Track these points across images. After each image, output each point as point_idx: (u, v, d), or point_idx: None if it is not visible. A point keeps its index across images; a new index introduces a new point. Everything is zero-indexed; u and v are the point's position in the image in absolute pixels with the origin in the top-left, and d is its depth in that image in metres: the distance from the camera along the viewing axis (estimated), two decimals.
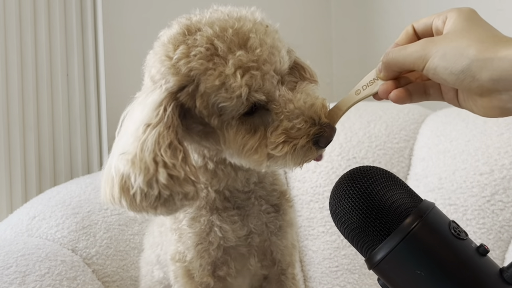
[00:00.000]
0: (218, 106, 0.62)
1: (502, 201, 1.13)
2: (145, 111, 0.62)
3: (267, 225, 0.78)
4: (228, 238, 0.75)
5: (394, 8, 1.75)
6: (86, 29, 1.32)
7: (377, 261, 0.53)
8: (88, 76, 1.33)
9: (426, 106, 1.42)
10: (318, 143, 0.63)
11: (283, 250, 0.80)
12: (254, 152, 0.63)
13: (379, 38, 1.78)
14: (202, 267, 0.76)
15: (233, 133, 0.63)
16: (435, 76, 0.56)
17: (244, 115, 0.63)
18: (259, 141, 0.63)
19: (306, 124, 0.63)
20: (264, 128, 0.64)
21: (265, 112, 0.64)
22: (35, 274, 0.92)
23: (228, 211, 0.75)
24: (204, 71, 0.60)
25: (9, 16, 1.18)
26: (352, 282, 1.21)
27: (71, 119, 1.31)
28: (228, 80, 0.60)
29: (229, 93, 0.60)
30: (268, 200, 0.78)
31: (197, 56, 0.61)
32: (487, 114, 0.58)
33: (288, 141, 0.63)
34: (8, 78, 1.19)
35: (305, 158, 0.64)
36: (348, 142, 1.29)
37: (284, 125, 0.62)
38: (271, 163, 0.64)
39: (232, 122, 0.63)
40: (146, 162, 0.59)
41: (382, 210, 0.53)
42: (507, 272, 0.51)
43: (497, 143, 1.17)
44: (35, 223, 1.06)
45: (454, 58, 0.54)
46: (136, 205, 0.60)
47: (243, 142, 0.63)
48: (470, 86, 0.54)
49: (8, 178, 1.20)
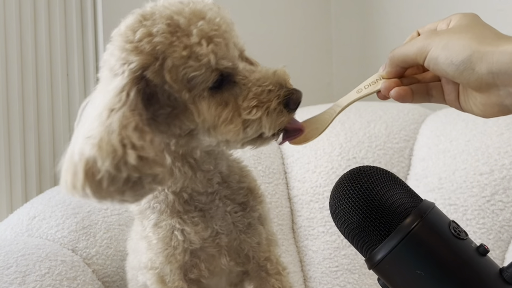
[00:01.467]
0: (187, 79, 0.62)
1: (502, 201, 1.13)
2: (107, 97, 0.61)
3: (234, 224, 0.77)
4: (192, 241, 0.75)
5: (394, 8, 1.75)
6: (86, 29, 1.32)
7: (377, 261, 0.53)
8: (88, 76, 1.33)
9: (426, 106, 1.42)
10: (289, 106, 0.65)
11: (255, 247, 0.79)
12: (230, 122, 0.64)
13: (379, 38, 1.78)
14: (172, 272, 0.76)
15: (206, 104, 0.63)
16: (436, 67, 0.57)
17: (212, 90, 0.64)
18: (232, 111, 0.64)
19: (274, 87, 0.65)
20: (234, 99, 0.65)
21: (232, 85, 0.65)
22: (35, 274, 0.92)
23: (189, 213, 0.75)
24: (170, 45, 0.61)
25: (9, 16, 1.18)
26: (352, 282, 1.21)
27: (71, 119, 1.31)
28: (194, 49, 0.61)
29: (197, 61, 0.61)
30: (234, 199, 0.77)
31: (159, 32, 0.61)
32: (486, 113, 0.58)
33: (260, 105, 0.64)
34: (8, 78, 1.19)
35: (278, 121, 0.65)
36: (348, 142, 1.29)
37: (254, 91, 0.64)
38: (246, 132, 0.65)
39: (204, 93, 0.63)
40: (113, 145, 0.57)
41: (382, 210, 0.53)
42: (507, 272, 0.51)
43: (497, 143, 1.17)
44: (35, 223, 1.06)
45: (455, 48, 0.55)
46: (102, 190, 0.58)
47: (217, 113, 0.64)
48: (469, 78, 0.55)
49: (8, 178, 1.20)
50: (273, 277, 0.81)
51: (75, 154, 0.59)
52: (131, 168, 0.58)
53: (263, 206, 0.81)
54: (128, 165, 0.58)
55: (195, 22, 0.62)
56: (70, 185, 0.60)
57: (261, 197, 0.81)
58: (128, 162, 0.57)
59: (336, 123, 1.33)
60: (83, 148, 0.59)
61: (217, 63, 0.62)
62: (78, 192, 0.59)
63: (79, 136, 0.61)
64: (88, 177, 0.58)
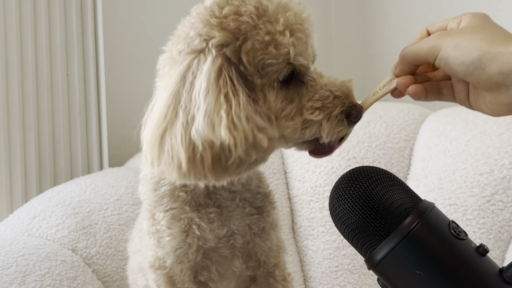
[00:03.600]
0: (262, 65, 0.62)
1: (502, 201, 1.13)
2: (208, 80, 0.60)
3: (250, 227, 0.77)
4: (207, 238, 0.73)
5: (394, 8, 1.75)
6: (86, 29, 1.32)
7: (377, 261, 0.53)
8: (88, 76, 1.33)
9: (426, 106, 1.42)
10: (350, 117, 0.65)
11: (267, 252, 0.79)
12: (291, 118, 0.64)
13: (379, 38, 1.78)
14: (183, 273, 0.74)
15: (274, 95, 0.64)
16: (447, 66, 0.57)
17: (281, 83, 0.64)
18: (295, 109, 0.64)
19: (341, 95, 0.65)
20: (299, 98, 0.65)
21: (300, 84, 0.65)
22: (35, 274, 0.92)
23: (207, 208, 0.73)
24: (254, 27, 0.61)
25: (9, 16, 1.18)
26: (352, 282, 1.21)
27: (71, 119, 1.31)
28: (277, 37, 0.61)
29: (278, 49, 0.61)
30: (252, 202, 0.77)
31: (247, 12, 0.61)
32: (495, 112, 0.58)
33: (323, 109, 0.64)
34: (8, 78, 1.19)
35: (337, 129, 0.65)
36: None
37: (321, 94, 0.65)
38: (304, 132, 0.65)
39: (274, 84, 0.63)
40: (245, 131, 0.58)
41: (382, 210, 0.53)
42: (506, 272, 0.51)
43: (497, 143, 1.17)
44: (35, 223, 1.06)
45: (466, 48, 0.56)
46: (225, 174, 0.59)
47: (281, 106, 0.64)
48: (479, 78, 0.55)
49: (8, 178, 1.20)
50: (280, 284, 0.81)
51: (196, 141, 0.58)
52: (261, 151, 0.59)
53: (276, 212, 0.81)
54: (259, 149, 0.59)
55: (282, 11, 0.62)
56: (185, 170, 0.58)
57: (275, 203, 0.81)
58: (259, 145, 0.59)
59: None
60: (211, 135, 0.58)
61: (294, 57, 0.63)
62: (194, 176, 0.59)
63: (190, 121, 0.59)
64: (215, 163, 0.58)
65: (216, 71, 0.61)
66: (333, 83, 0.66)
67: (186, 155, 0.58)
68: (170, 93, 0.62)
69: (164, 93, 0.63)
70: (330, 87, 0.65)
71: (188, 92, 0.61)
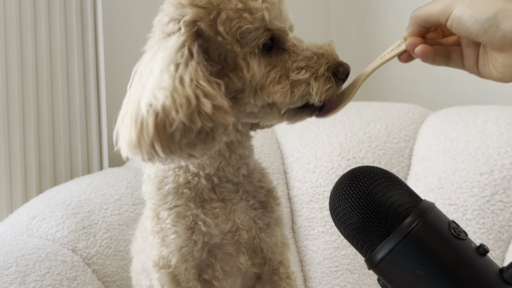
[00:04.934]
0: (240, 33, 0.63)
1: (502, 201, 1.13)
2: (168, 53, 0.61)
3: (254, 221, 0.76)
4: (212, 234, 0.73)
5: (394, 8, 1.74)
6: (86, 29, 1.32)
7: (377, 261, 0.53)
8: (88, 76, 1.33)
9: (426, 106, 1.42)
10: (337, 74, 0.65)
11: (273, 248, 0.79)
12: (277, 82, 0.65)
13: (379, 38, 1.78)
14: (188, 271, 0.73)
15: (256, 61, 0.64)
16: (459, 25, 0.57)
17: (263, 52, 0.65)
18: (280, 72, 0.65)
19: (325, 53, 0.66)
20: (283, 63, 0.66)
21: (281, 51, 0.66)
22: (35, 274, 0.92)
23: (212, 203, 0.73)
24: None
25: (9, 16, 1.18)
26: (352, 282, 1.21)
27: (71, 119, 1.31)
28: (249, 3, 0.63)
29: (252, 14, 0.63)
30: (255, 196, 0.77)
31: None
32: (506, 75, 0.58)
33: (308, 68, 0.65)
34: (8, 78, 1.19)
35: (325, 87, 0.65)
36: (348, 142, 1.29)
37: (304, 54, 0.65)
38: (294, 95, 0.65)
39: (255, 50, 0.64)
40: (187, 95, 0.57)
41: (382, 210, 0.53)
42: (506, 272, 0.51)
43: (497, 143, 1.17)
44: (35, 223, 1.06)
45: (481, 6, 0.55)
46: (173, 144, 0.57)
47: (265, 72, 0.65)
48: (493, 37, 0.55)
49: (8, 178, 1.20)
50: (284, 281, 0.81)
51: (142, 108, 0.58)
52: (205, 118, 0.57)
53: (280, 208, 0.81)
54: (203, 115, 0.57)
55: None
56: (135, 142, 0.58)
57: (279, 199, 0.80)
58: (203, 111, 0.57)
59: (336, 123, 1.33)
60: (153, 100, 0.57)
61: (270, 22, 0.64)
62: (144, 148, 0.58)
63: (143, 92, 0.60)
64: (159, 130, 0.57)
65: (178, 45, 0.61)
66: (315, 44, 0.67)
67: (135, 126, 0.58)
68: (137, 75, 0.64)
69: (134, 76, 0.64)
70: (312, 48, 0.66)
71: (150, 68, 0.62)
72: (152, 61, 0.62)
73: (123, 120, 0.61)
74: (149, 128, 0.57)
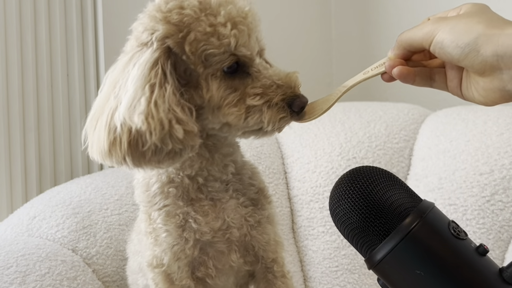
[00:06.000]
0: (205, 55, 0.65)
1: (502, 201, 1.13)
2: (142, 70, 0.64)
3: (245, 219, 0.77)
4: (203, 232, 0.74)
5: (394, 8, 1.75)
6: (86, 29, 1.32)
7: (377, 261, 0.53)
8: (88, 76, 1.33)
9: (426, 106, 1.42)
10: (292, 106, 0.66)
11: (265, 246, 0.79)
12: (234, 105, 0.66)
13: (379, 39, 1.78)
14: (181, 269, 0.75)
15: (216, 84, 0.66)
16: (442, 50, 0.57)
17: (226, 74, 0.66)
18: (238, 97, 0.67)
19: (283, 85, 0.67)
20: (244, 88, 0.67)
21: (245, 75, 0.67)
22: (36, 274, 0.92)
23: (201, 201, 0.74)
24: (197, 19, 0.64)
25: (9, 16, 1.18)
26: (352, 282, 1.21)
27: (71, 119, 1.31)
28: (218, 28, 0.64)
29: (219, 39, 0.64)
30: (245, 193, 0.78)
31: (190, 5, 0.65)
32: (488, 98, 0.58)
33: (264, 95, 0.66)
34: (8, 78, 1.19)
35: (278, 117, 0.66)
36: (348, 142, 1.29)
37: (263, 82, 0.67)
38: (248, 120, 0.67)
39: (217, 73, 0.66)
40: (161, 120, 0.61)
41: (382, 210, 0.53)
42: (506, 271, 0.51)
43: (497, 143, 1.17)
44: (35, 223, 1.06)
45: (462, 31, 0.55)
46: (143, 160, 0.62)
47: (224, 95, 0.66)
48: (473, 61, 0.55)
49: (9, 178, 1.20)
50: (279, 280, 0.81)
51: (117, 124, 0.62)
52: (176, 141, 0.62)
53: (272, 206, 0.82)
54: (174, 139, 0.61)
55: (225, 5, 0.65)
56: (107, 151, 0.62)
57: (270, 198, 0.81)
58: (175, 135, 0.61)
59: (336, 123, 1.33)
60: (129, 121, 0.61)
61: (236, 48, 0.65)
62: (115, 158, 0.63)
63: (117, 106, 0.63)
64: (132, 147, 0.61)
65: (152, 62, 0.64)
66: (278, 74, 0.68)
67: (107, 137, 0.62)
68: (110, 82, 0.66)
69: (107, 81, 0.67)
70: (273, 77, 0.67)
71: (124, 81, 0.64)
72: (125, 72, 0.65)
73: (95, 127, 0.65)
74: (122, 143, 0.62)
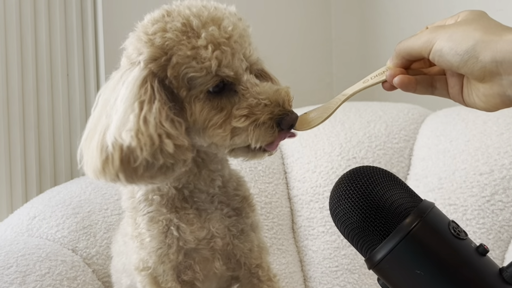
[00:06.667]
0: (188, 78, 0.64)
1: (502, 201, 1.13)
2: (131, 88, 0.64)
3: (229, 229, 0.78)
4: (187, 240, 0.75)
5: (394, 8, 1.75)
6: (86, 29, 1.32)
7: (377, 261, 0.53)
8: (88, 76, 1.33)
9: (426, 106, 1.42)
10: (280, 125, 0.66)
11: (247, 253, 0.81)
12: (219, 127, 0.66)
13: (379, 39, 1.78)
14: (166, 273, 0.76)
15: (200, 106, 0.66)
16: (441, 58, 0.57)
17: (212, 93, 0.65)
18: (224, 118, 0.66)
19: (270, 104, 0.65)
20: (230, 107, 0.66)
21: (232, 93, 0.66)
22: (36, 274, 0.92)
23: (185, 210, 0.75)
24: (178, 42, 0.64)
25: (9, 16, 1.18)
26: (352, 282, 1.21)
27: (71, 119, 1.31)
28: (199, 51, 0.63)
29: (199, 64, 0.63)
30: (229, 204, 0.79)
31: (172, 28, 0.64)
32: (488, 104, 0.58)
33: (250, 116, 0.65)
34: (8, 78, 1.19)
35: (266, 136, 0.66)
36: (348, 142, 1.29)
37: (249, 102, 0.65)
38: (234, 139, 0.66)
39: (200, 95, 0.65)
40: (150, 135, 0.61)
41: (382, 210, 0.53)
42: (506, 271, 0.51)
43: (497, 143, 1.17)
44: (35, 223, 1.06)
45: (460, 38, 0.56)
46: (136, 176, 0.63)
47: (208, 117, 0.66)
48: (473, 68, 0.55)
49: (9, 178, 1.20)
50: (265, 284, 0.83)
51: (108, 142, 0.62)
52: (167, 156, 0.62)
53: (255, 214, 0.83)
54: (165, 153, 0.62)
55: (207, 26, 0.64)
56: (100, 169, 0.63)
57: (254, 206, 0.82)
58: (165, 150, 0.61)
59: (336, 123, 1.33)
60: (119, 139, 0.62)
61: (218, 69, 0.64)
62: (109, 176, 0.63)
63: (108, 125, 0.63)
64: (124, 164, 0.62)
65: (141, 80, 0.64)
66: (266, 91, 0.66)
67: (100, 156, 0.63)
68: (102, 100, 0.66)
69: (99, 100, 0.67)
70: (261, 95, 0.66)
71: (114, 99, 0.65)
72: (115, 91, 0.65)
73: (89, 146, 0.65)
74: (114, 161, 0.62)
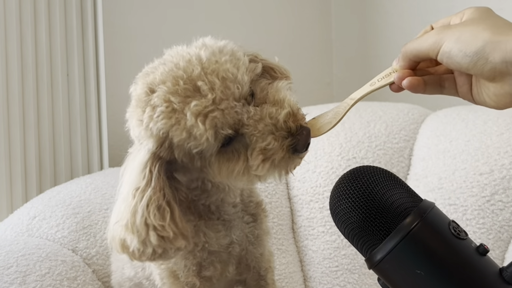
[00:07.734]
0: (194, 152, 0.65)
1: (502, 201, 1.13)
2: (133, 174, 0.67)
3: (247, 235, 0.81)
4: (211, 244, 0.77)
5: (394, 8, 1.75)
6: (86, 29, 1.32)
7: (377, 261, 0.53)
8: (88, 76, 1.33)
9: (426, 106, 1.42)
10: (296, 151, 0.65)
11: (258, 258, 0.84)
12: (242, 175, 0.67)
13: (379, 39, 1.78)
14: (187, 268, 0.77)
15: (217, 167, 0.67)
16: (450, 60, 0.57)
17: (223, 147, 0.65)
18: (243, 166, 0.66)
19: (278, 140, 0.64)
20: (244, 150, 0.66)
21: (241, 136, 0.65)
22: (36, 274, 0.92)
23: (212, 220, 0.78)
24: (170, 127, 0.64)
25: (9, 16, 1.18)
26: (352, 282, 1.21)
27: (71, 119, 1.31)
28: (192, 129, 0.63)
29: (197, 140, 0.63)
30: (246, 210, 0.81)
31: (160, 116, 0.64)
32: (499, 103, 0.58)
33: (266, 158, 0.65)
34: (8, 78, 1.19)
35: (290, 166, 0.67)
36: (348, 142, 1.29)
37: (259, 146, 0.64)
38: (262, 179, 0.68)
39: (212, 159, 0.66)
40: (137, 227, 0.65)
41: (382, 209, 0.53)
42: (506, 271, 0.51)
43: (497, 143, 1.17)
44: (35, 223, 1.06)
45: (468, 40, 0.55)
46: (136, 258, 0.67)
47: (229, 171, 0.66)
48: (483, 69, 0.55)
49: (9, 178, 1.20)
50: (270, 287, 0.87)
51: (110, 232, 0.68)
52: (154, 246, 0.65)
53: (267, 220, 0.85)
54: (152, 244, 0.65)
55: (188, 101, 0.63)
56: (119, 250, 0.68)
57: (266, 211, 0.85)
58: (151, 241, 0.65)
59: None
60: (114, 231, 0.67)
61: (216, 134, 0.63)
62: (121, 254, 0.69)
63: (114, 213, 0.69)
64: (124, 249, 0.67)
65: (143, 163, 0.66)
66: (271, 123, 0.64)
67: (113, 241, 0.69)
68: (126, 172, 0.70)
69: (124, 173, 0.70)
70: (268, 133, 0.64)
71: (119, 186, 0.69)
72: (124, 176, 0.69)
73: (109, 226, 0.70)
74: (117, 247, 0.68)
